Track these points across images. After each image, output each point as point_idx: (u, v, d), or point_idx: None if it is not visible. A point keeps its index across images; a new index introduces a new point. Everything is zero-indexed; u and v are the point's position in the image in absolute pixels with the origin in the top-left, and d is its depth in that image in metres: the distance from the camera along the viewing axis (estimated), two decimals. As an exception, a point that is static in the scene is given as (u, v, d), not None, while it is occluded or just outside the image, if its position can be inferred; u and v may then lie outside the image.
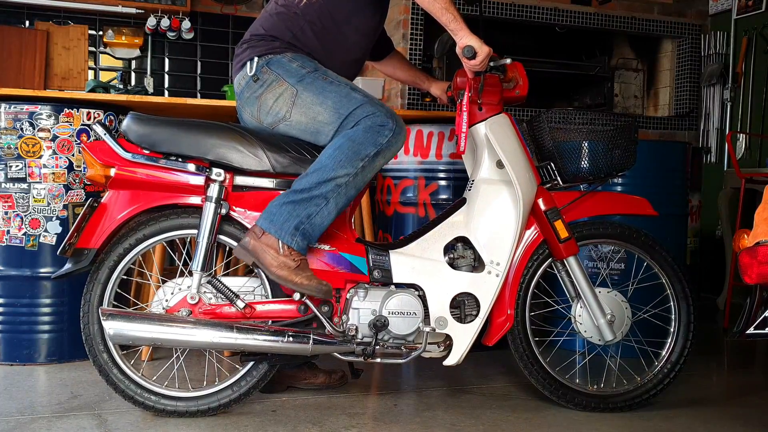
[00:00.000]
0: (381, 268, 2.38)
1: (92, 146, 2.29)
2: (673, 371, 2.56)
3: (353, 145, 2.25)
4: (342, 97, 2.31)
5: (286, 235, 2.21)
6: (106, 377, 2.30)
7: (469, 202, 2.46)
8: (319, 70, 2.36)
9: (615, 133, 2.45)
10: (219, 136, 2.29)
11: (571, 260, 2.47)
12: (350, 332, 2.32)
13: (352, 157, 2.25)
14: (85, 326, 2.28)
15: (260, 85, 2.36)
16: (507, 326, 2.43)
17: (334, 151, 2.26)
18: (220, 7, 5.33)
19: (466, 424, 2.33)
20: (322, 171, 2.24)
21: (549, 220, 2.43)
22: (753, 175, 4.22)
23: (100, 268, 2.29)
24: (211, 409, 2.33)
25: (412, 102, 4.78)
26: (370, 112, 2.29)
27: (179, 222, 2.33)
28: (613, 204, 2.58)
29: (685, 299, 2.57)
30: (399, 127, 2.31)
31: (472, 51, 2.26)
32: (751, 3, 5.10)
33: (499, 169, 2.42)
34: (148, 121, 2.29)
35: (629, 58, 5.72)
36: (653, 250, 2.56)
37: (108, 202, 2.29)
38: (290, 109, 2.33)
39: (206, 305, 2.29)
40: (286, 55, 2.36)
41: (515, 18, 4.98)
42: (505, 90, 2.45)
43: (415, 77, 2.91)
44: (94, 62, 5.20)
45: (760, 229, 1.98)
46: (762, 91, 5.03)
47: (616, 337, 2.49)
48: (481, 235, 2.42)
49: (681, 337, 2.56)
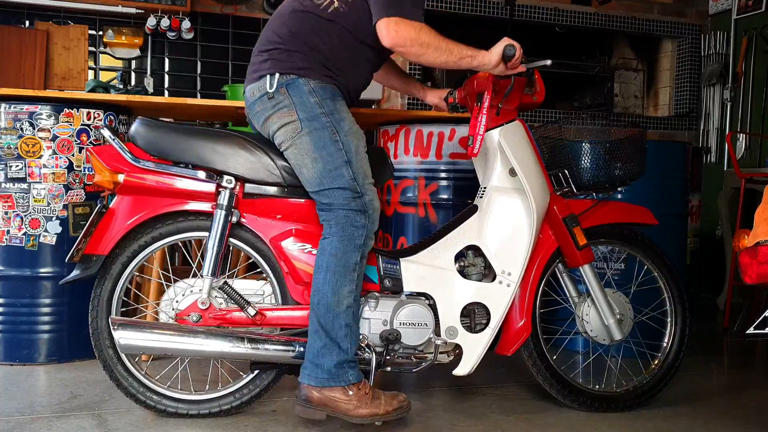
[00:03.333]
0: (391, 277, 2.35)
1: (100, 151, 2.26)
2: (669, 371, 2.59)
3: (339, 261, 2.19)
4: (333, 167, 2.21)
5: (340, 380, 2.17)
6: (110, 372, 2.29)
7: (481, 210, 2.42)
8: (334, 114, 2.26)
9: (628, 143, 2.46)
10: (230, 147, 2.26)
11: (586, 267, 2.47)
12: (362, 342, 2.28)
13: (344, 273, 2.18)
14: (93, 320, 2.28)
15: (273, 105, 2.27)
16: (525, 336, 2.41)
17: (325, 275, 2.19)
18: (220, 7, 5.33)
19: (467, 424, 2.33)
20: (326, 302, 2.18)
21: (568, 227, 2.42)
22: (753, 175, 4.22)
23: (108, 273, 2.27)
24: (212, 413, 2.33)
25: (412, 102, 4.78)
26: (345, 203, 2.21)
27: (187, 225, 2.31)
28: (620, 213, 2.59)
29: (681, 303, 2.61)
30: (371, 222, 2.24)
31: (513, 47, 2.23)
32: (751, 3, 5.10)
33: (511, 177, 2.38)
34: (157, 127, 2.26)
35: (629, 58, 5.72)
36: (654, 253, 2.59)
37: (116, 207, 2.27)
38: (289, 143, 2.25)
39: (217, 311, 2.28)
40: (309, 82, 2.25)
41: (515, 18, 4.98)
42: (524, 95, 2.42)
43: (409, 86, 2.84)
44: (94, 62, 5.20)
45: (760, 229, 1.98)
46: (762, 91, 5.03)
47: (624, 336, 2.50)
48: (492, 245, 2.38)
49: (677, 339, 2.60)
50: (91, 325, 2.29)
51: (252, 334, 2.24)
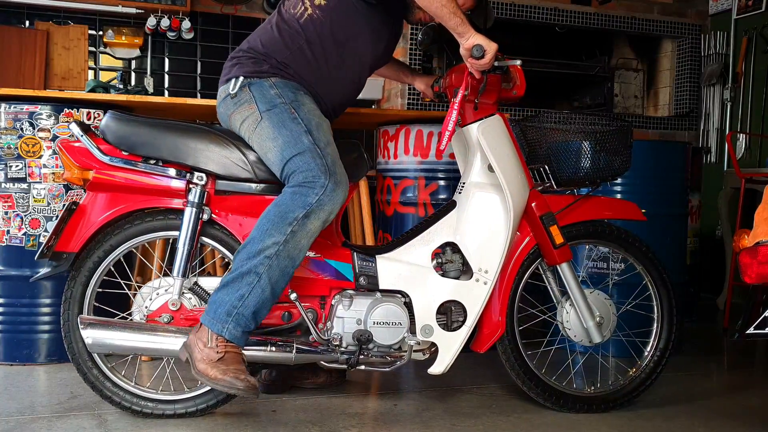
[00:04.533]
0: (367, 274, 2.33)
1: (69, 147, 2.23)
2: (663, 358, 2.55)
3: (279, 210, 2.12)
4: (293, 138, 2.18)
5: (217, 324, 2.08)
6: (84, 376, 2.28)
7: (459, 206, 2.41)
8: (294, 102, 2.25)
9: (612, 136, 2.42)
10: (201, 141, 2.23)
11: (564, 265, 2.44)
12: (334, 341, 2.27)
13: (279, 222, 2.10)
14: (65, 319, 2.26)
15: (234, 103, 2.29)
16: (499, 333, 2.39)
17: (261, 221, 2.13)
18: (220, 7, 5.33)
19: (467, 425, 2.33)
20: (250, 244, 2.11)
21: (544, 225, 2.39)
22: (753, 175, 4.22)
23: (80, 271, 2.25)
24: (188, 413, 2.30)
25: (412, 102, 4.78)
26: (305, 166, 2.15)
27: (161, 223, 2.28)
28: (604, 208, 2.53)
29: (663, 285, 2.55)
30: (334, 183, 2.15)
31: (482, 50, 2.19)
32: (751, 3, 5.10)
33: (489, 173, 2.36)
34: (127, 122, 2.23)
35: (629, 58, 5.72)
36: (626, 242, 2.53)
37: (87, 204, 2.25)
38: (251, 135, 2.24)
39: (188, 311, 2.25)
40: (269, 80, 2.28)
41: (515, 18, 4.99)
42: (503, 90, 2.39)
43: (398, 72, 2.85)
44: (94, 62, 5.19)
45: (760, 229, 1.99)
46: (762, 91, 5.03)
47: (604, 339, 2.47)
48: (469, 242, 2.37)
49: (666, 323, 2.55)
50: (62, 324, 2.27)
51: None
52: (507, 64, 2.32)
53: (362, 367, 2.33)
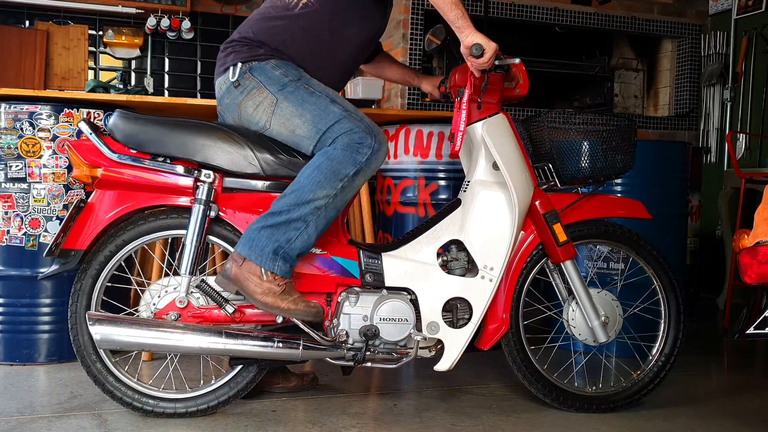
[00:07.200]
0: (373, 271, 2.34)
1: (78, 145, 2.25)
2: (668, 363, 2.55)
3: (332, 165, 2.19)
4: (321, 110, 2.24)
5: (267, 261, 2.15)
6: (87, 369, 2.28)
7: (464, 204, 2.42)
8: (302, 79, 2.30)
9: (615, 134, 2.43)
10: (208, 137, 2.24)
11: (568, 264, 2.44)
12: (341, 338, 2.29)
13: (331, 177, 2.19)
14: (72, 316, 2.26)
15: (241, 91, 2.31)
16: (503, 330, 2.40)
17: (312, 171, 2.20)
18: (220, 7, 5.33)
19: (467, 424, 2.33)
20: (300, 192, 2.18)
21: (547, 223, 2.40)
22: (753, 175, 4.22)
23: (88, 268, 2.26)
24: (189, 413, 2.30)
25: (412, 102, 4.78)
26: (348, 128, 2.23)
27: (170, 222, 2.29)
28: (610, 207, 2.54)
29: (672, 291, 2.56)
30: (378, 143, 2.25)
31: (481, 49, 2.19)
32: (751, 3, 5.10)
33: (494, 171, 2.38)
34: (135, 120, 2.24)
35: (629, 58, 5.72)
36: (637, 244, 2.54)
37: (95, 202, 2.26)
38: (270, 118, 2.28)
39: (195, 309, 2.26)
40: (269, 62, 2.30)
41: (515, 18, 4.98)
42: (506, 89, 2.40)
43: (405, 75, 2.86)
44: (94, 62, 5.20)
45: (760, 229, 1.99)
46: (762, 91, 5.03)
47: (609, 339, 2.48)
48: (475, 240, 2.38)
49: (672, 329, 2.56)
50: (69, 320, 2.27)
51: (230, 330, 2.23)
52: (507, 63, 2.33)
53: (368, 364, 2.34)
